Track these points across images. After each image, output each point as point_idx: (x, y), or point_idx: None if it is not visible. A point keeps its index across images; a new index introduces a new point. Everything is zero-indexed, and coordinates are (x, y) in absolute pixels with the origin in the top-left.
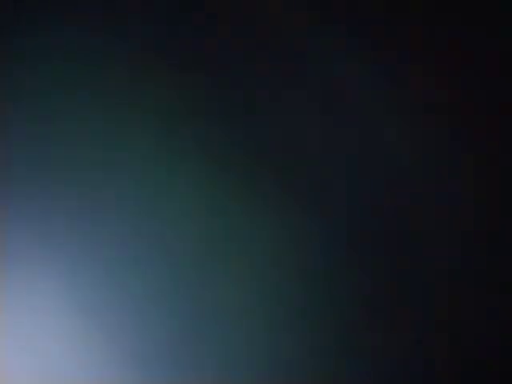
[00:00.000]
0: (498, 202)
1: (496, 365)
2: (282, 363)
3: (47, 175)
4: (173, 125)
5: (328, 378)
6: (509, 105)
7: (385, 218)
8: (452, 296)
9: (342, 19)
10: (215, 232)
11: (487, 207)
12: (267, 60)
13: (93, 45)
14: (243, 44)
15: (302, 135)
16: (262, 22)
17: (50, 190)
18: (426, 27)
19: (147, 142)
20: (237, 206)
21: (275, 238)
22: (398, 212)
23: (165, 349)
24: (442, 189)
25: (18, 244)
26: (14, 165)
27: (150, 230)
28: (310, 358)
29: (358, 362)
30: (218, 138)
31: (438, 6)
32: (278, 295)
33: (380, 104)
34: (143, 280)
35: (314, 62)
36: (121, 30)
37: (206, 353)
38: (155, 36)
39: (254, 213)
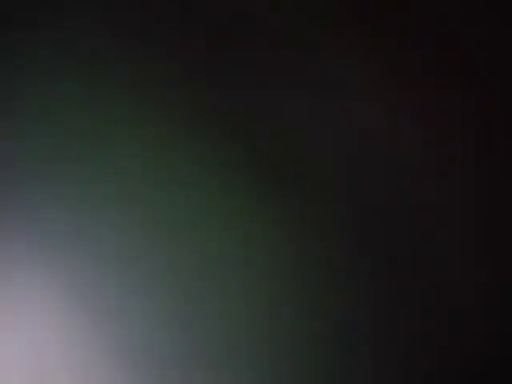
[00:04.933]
0: (498, 201)
1: (496, 365)
2: (282, 368)
3: (47, 175)
4: (173, 126)
5: (329, 380)
6: (509, 104)
7: (385, 218)
8: (452, 296)
9: (341, 19)
10: (215, 235)
11: (487, 207)
12: (267, 61)
13: (91, 43)
14: (243, 44)
15: (303, 135)
16: (262, 22)
17: (49, 190)
18: (427, 27)
19: (147, 142)
20: (238, 209)
21: (276, 243)
22: (399, 212)
23: (164, 349)
24: (442, 188)
25: (17, 244)
26: (15, 165)
27: (151, 231)
28: (311, 363)
29: (359, 365)
30: (217, 137)
31: (436, 6)
32: (279, 302)
33: (380, 104)
34: (143, 280)
35: (314, 61)
36: (120, 28)
37: (206, 356)
38: (155, 36)
39: (255, 218)
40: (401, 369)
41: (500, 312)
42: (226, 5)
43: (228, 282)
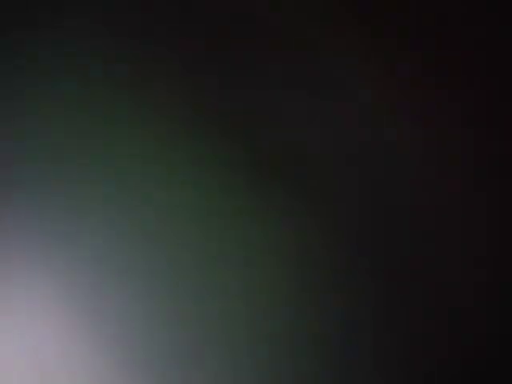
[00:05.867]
0: (498, 201)
1: (496, 365)
2: (282, 368)
3: (47, 175)
4: (173, 125)
5: (329, 380)
6: (509, 104)
7: (385, 218)
8: (452, 296)
9: (341, 19)
10: (215, 235)
11: (487, 207)
12: (267, 61)
13: (91, 43)
14: (243, 44)
15: (303, 135)
16: (263, 22)
17: (49, 190)
18: (427, 27)
19: (147, 142)
20: (238, 209)
21: (276, 243)
22: (399, 212)
23: (164, 349)
24: (442, 188)
25: (17, 244)
26: (15, 165)
27: (151, 231)
28: (311, 363)
29: (359, 365)
30: (217, 137)
31: (436, 6)
32: (279, 302)
33: (380, 104)
34: (143, 280)
35: (314, 61)
36: (120, 28)
37: (206, 356)
38: (155, 36)
39: (255, 218)
40: (401, 369)
41: (500, 312)
42: (226, 5)
43: (228, 282)
